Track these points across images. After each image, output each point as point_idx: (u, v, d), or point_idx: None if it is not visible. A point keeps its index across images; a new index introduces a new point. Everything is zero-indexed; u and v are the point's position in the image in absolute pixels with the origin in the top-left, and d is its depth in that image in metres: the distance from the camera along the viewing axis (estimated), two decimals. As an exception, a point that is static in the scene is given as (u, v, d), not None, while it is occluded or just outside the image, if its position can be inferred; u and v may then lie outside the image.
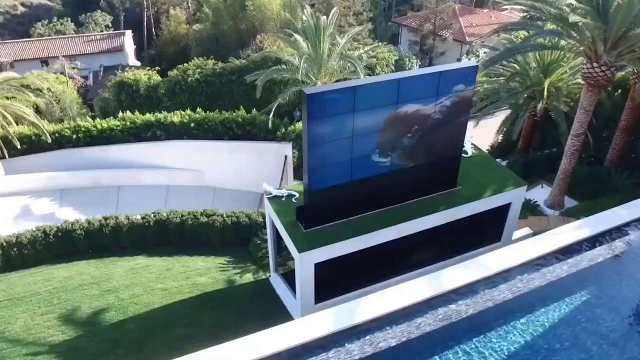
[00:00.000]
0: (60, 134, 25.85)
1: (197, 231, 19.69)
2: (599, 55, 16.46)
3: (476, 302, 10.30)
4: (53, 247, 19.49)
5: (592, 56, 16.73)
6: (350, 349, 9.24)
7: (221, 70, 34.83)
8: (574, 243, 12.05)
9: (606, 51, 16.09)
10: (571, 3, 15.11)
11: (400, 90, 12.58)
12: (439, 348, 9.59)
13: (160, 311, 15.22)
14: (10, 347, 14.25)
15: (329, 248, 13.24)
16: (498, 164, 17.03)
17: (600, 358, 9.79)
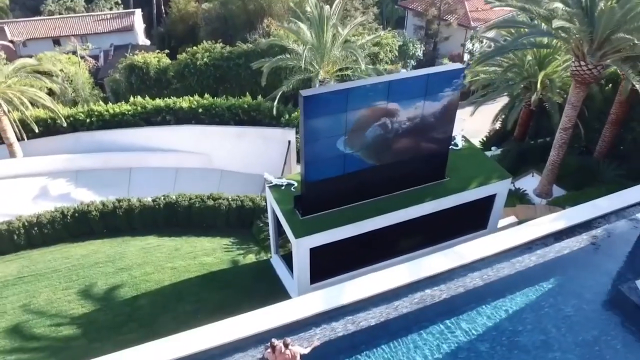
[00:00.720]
0: (74, 117, 27.08)
1: (204, 214, 20.99)
2: (585, 55, 17.28)
3: (449, 288, 11.53)
4: (70, 227, 20.89)
5: (580, 55, 17.55)
6: (335, 326, 10.56)
7: (229, 54, 35.63)
8: (547, 235, 13.18)
9: (592, 51, 16.89)
10: (557, 7, 15.85)
11: (390, 91, 13.63)
12: (415, 328, 10.88)
13: (170, 288, 16.63)
14: (36, 319, 15.75)
15: (323, 234, 14.48)
16: (486, 157, 18.04)
17: (557, 338, 11.02)
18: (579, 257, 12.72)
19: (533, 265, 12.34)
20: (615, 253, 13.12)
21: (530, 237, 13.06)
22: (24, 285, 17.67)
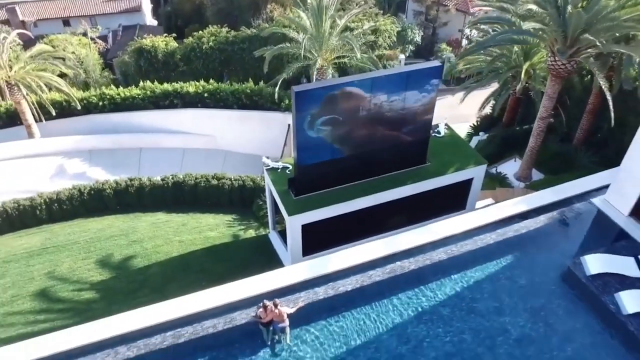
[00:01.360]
0: (88, 100, 28.87)
1: (208, 192, 22.89)
2: (557, 52, 18.76)
3: (417, 260, 13.39)
4: (87, 204, 22.88)
5: (555, 51, 19.03)
6: (317, 291, 12.48)
7: (234, 38, 37.07)
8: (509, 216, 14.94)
9: (564, 49, 18.37)
10: (530, 9, 17.31)
11: (374, 86, 15.28)
12: (386, 294, 12.78)
13: (178, 259, 18.61)
14: (60, 285, 17.81)
15: (313, 213, 16.35)
16: (465, 143, 19.68)
17: (509, 306, 12.88)
18: (535, 236, 14.48)
19: (493, 242, 14.14)
20: (568, 233, 14.85)
21: (493, 218, 14.82)
22: (47, 255, 19.70)
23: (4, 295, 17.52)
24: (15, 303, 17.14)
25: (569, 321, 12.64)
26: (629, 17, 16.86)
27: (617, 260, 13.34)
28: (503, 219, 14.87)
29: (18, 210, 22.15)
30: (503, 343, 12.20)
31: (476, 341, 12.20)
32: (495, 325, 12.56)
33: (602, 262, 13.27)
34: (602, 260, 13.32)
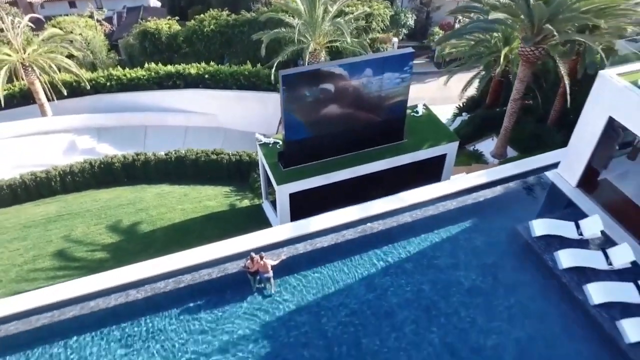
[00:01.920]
0: (96, 81, 30.83)
1: (208, 166, 24.97)
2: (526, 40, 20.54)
3: (386, 222, 15.47)
4: (97, 176, 25.01)
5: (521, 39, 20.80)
6: (298, 247, 14.62)
7: (234, 21, 38.79)
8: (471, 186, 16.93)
9: (531, 37, 20.15)
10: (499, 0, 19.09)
11: (353, 70, 17.19)
12: (354, 251, 14.91)
13: (179, 225, 20.77)
14: (75, 246, 20.03)
15: (300, 182, 18.42)
16: (440, 122, 21.55)
17: (464, 262, 14.96)
18: (492, 204, 16.47)
19: (454, 208, 16.17)
20: (522, 201, 16.79)
21: (457, 188, 16.83)
22: (63, 221, 21.90)
23: (27, 255, 19.75)
24: (37, 261, 19.37)
25: (514, 275, 14.72)
26: (587, 9, 18.57)
27: (559, 225, 15.36)
28: (465, 189, 16.88)
29: (35, 181, 24.31)
30: (456, 292, 14.29)
31: (433, 290, 14.31)
32: (451, 278, 14.64)
33: (545, 226, 15.29)
34: (546, 224, 15.34)
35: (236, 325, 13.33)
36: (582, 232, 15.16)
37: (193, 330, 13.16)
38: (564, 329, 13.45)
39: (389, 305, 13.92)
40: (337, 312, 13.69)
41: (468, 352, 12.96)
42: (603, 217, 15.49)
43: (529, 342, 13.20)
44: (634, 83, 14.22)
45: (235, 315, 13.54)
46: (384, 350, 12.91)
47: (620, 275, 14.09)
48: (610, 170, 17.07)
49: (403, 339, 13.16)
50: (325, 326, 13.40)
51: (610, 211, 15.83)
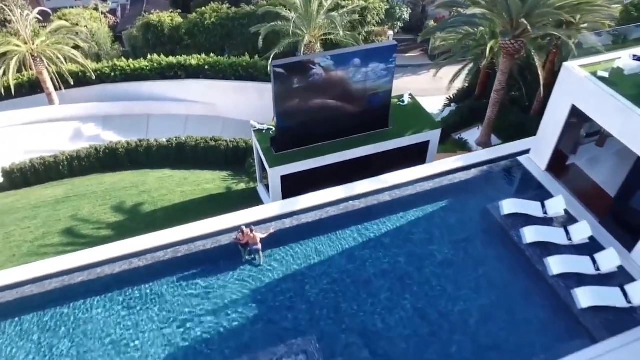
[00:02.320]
0: (101, 71, 32.22)
1: (207, 152, 26.38)
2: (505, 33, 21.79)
3: (366, 200, 16.88)
4: (102, 161, 26.45)
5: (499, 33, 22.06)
6: (285, 222, 16.05)
7: (234, 14, 40.06)
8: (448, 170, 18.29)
9: (510, 31, 21.41)
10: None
11: (339, 61, 18.51)
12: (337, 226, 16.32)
13: (179, 206, 22.20)
14: (82, 224, 21.50)
15: (290, 165, 19.81)
16: (424, 111, 22.84)
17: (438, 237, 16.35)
18: (466, 186, 17.86)
19: (430, 189, 17.56)
20: (495, 184, 18.15)
21: (435, 171, 18.21)
22: (70, 202, 23.37)
23: (37, 232, 21.25)
24: (47, 238, 20.86)
25: (483, 250, 16.11)
26: (561, 5, 19.82)
27: (526, 204, 16.71)
28: (443, 172, 18.25)
29: (44, 165, 25.78)
30: (429, 264, 15.68)
31: (408, 262, 15.71)
32: (425, 252, 16.03)
33: (513, 205, 16.66)
34: (513, 204, 16.70)
35: (228, 290, 14.78)
36: (547, 211, 16.53)
37: (189, 295, 14.63)
38: (524, 297, 14.85)
39: (367, 275, 15.34)
40: (320, 280, 15.12)
41: (436, 316, 14.37)
42: (568, 198, 16.86)
43: (492, 308, 14.60)
44: (593, 74, 15.52)
45: (227, 282, 14.99)
46: (361, 314, 14.34)
47: (579, 249, 15.47)
48: (580, 156, 18.42)
49: (378, 305, 14.57)
50: (308, 292, 14.83)
51: (575, 192, 17.18)
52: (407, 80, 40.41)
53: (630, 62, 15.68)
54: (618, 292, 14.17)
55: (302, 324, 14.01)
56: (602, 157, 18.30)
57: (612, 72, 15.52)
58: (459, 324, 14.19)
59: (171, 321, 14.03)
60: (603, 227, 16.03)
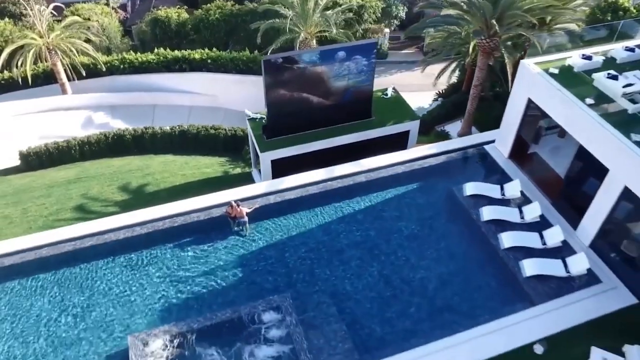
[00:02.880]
0: (111, 63, 34.42)
1: (207, 139, 28.51)
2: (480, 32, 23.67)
3: (343, 181, 18.93)
4: (111, 146, 28.66)
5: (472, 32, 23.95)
6: (269, 198, 18.14)
7: (237, 11, 42.01)
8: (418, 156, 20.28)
9: (481, 31, 23.27)
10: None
11: (323, 56, 20.53)
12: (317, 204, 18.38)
13: (180, 186, 24.33)
14: (91, 202, 23.70)
15: (280, 151, 21.86)
16: (406, 104, 24.76)
17: (406, 215, 18.36)
18: (435, 170, 19.85)
19: (402, 172, 19.56)
20: (461, 169, 20.10)
21: (406, 157, 20.20)
22: (81, 182, 25.59)
23: (51, 208, 23.48)
24: (60, 214, 23.07)
25: (445, 226, 18.14)
26: (528, 8, 21.67)
27: (486, 187, 18.69)
28: (415, 158, 20.25)
29: (57, 150, 28.04)
30: (397, 238, 17.71)
31: (378, 235, 17.74)
32: (394, 227, 18.06)
33: (475, 187, 18.63)
34: (475, 186, 18.67)
35: (217, 256, 16.93)
36: (504, 193, 18.50)
37: (183, 259, 16.79)
38: (478, 267, 16.85)
39: (340, 245, 17.42)
40: (298, 249, 17.22)
41: (399, 282, 16.41)
42: (526, 183, 18.83)
43: (449, 276, 16.60)
44: (546, 70, 17.43)
45: (217, 248, 17.14)
46: (332, 278, 16.41)
47: (529, 226, 17.43)
48: (541, 146, 20.33)
49: (348, 271, 16.65)
50: (287, 259, 16.94)
51: (533, 177, 19.13)
52: (402, 76, 42.24)
53: (579, 61, 17.58)
54: (559, 264, 16.12)
55: (280, 285, 16.11)
56: (561, 146, 20.14)
57: (562, 69, 17.43)
58: (418, 289, 16.22)
59: (167, 280, 16.20)
60: (555, 209, 17.98)
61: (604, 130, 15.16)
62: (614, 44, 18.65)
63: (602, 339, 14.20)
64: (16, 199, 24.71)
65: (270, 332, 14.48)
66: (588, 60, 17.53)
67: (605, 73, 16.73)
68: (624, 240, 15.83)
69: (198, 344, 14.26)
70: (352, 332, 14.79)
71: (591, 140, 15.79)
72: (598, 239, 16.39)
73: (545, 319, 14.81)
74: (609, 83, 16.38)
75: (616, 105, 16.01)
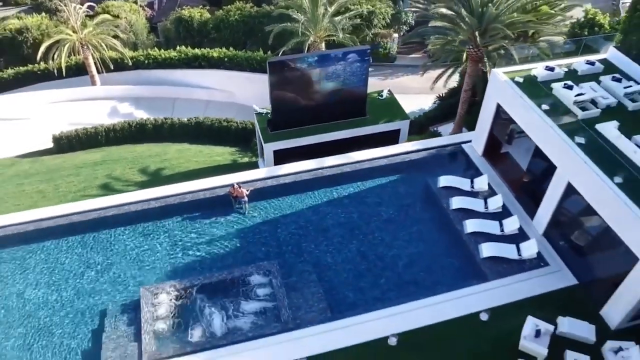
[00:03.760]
0: (137, 59, 37.65)
1: (220, 131, 31.50)
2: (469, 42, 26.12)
3: (332, 169, 21.60)
4: (133, 134, 31.81)
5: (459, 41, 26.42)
6: (266, 182, 20.93)
7: (255, 13, 44.94)
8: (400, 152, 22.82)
9: (473, 41, 25.70)
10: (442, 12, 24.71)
11: (321, 60, 23.22)
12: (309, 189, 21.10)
13: (193, 171, 27.29)
14: (115, 182, 26.82)
15: (282, 142, 24.62)
16: (398, 105, 27.26)
17: (386, 201, 20.95)
18: (415, 164, 22.35)
19: (385, 165, 22.13)
20: (439, 164, 22.46)
21: (391, 151, 22.76)
22: (106, 165, 28.75)
23: (79, 185, 26.67)
24: (86, 190, 26.23)
25: (419, 213, 20.64)
26: (510, 22, 24.04)
27: (458, 180, 21.13)
28: (399, 153, 22.80)
29: (86, 135, 31.29)
30: (375, 220, 20.28)
31: (359, 218, 20.35)
32: (374, 211, 20.64)
33: (448, 180, 21.09)
34: (448, 179, 21.13)
35: (220, 228, 19.77)
36: (474, 186, 20.93)
37: (190, 229, 19.68)
38: (444, 249, 19.32)
39: (325, 225, 20.08)
40: (288, 226, 19.95)
41: (374, 258, 18.98)
42: (495, 178, 21.23)
43: (418, 255, 19.12)
44: (512, 79, 19.81)
45: (220, 222, 19.98)
46: (316, 251, 19.09)
47: (492, 215, 19.84)
48: (514, 146, 22.65)
49: (331, 246, 19.30)
50: (279, 234, 19.67)
51: (501, 173, 21.49)
52: (408, 79, 44.62)
53: (542, 71, 19.91)
54: (513, 248, 18.51)
55: (271, 255, 18.86)
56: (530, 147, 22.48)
57: (527, 78, 19.78)
58: (390, 264, 18.78)
59: (175, 247, 19.10)
60: (517, 201, 20.38)
61: (553, 133, 17.53)
62: (579, 57, 20.95)
63: (541, 312, 16.54)
64: (49, 177, 27.96)
65: (258, 291, 17.23)
66: (550, 72, 19.85)
67: (562, 83, 19.05)
68: (570, 229, 18.16)
69: (198, 297, 17.09)
70: (328, 296, 17.44)
71: (544, 141, 18.18)
72: (549, 228, 18.73)
73: (494, 293, 17.22)
74: (564, 92, 18.70)
75: (568, 111, 18.32)
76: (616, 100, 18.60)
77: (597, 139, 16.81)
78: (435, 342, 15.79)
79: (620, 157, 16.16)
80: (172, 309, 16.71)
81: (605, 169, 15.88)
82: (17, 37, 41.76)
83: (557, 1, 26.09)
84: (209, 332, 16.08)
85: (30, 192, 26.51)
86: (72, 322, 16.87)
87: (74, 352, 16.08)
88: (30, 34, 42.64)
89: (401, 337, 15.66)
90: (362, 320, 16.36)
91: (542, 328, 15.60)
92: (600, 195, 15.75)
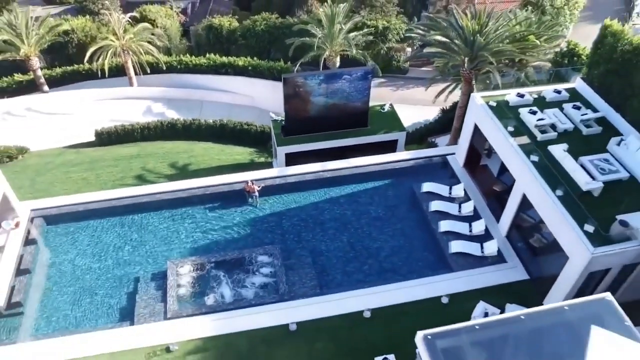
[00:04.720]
0: (170, 63, 41.94)
1: (241, 133, 35.45)
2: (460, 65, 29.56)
3: (333, 173, 25.35)
4: (165, 132, 36.00)
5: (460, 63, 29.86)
6: (275, 180, 24.82)
7: (280, 24, 48.86)
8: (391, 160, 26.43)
9: (465, 64, 29.13)
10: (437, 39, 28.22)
11: (329, 78, 26.99)
12: (312, 187, 24.90)
13: (216, 168, 31.30)
14: (147, 174, 31.00)
15: (292, 146, 28.42)
16: (397, 117, 30.83)
17: (376, 202, 24.63)
18: (404, 172, 25.94)
19: (376, 170, 25.77)
20: (425, 172, 25.96)
21: (383, 159, 26.39)
22: (140, 159, 32.98)
23: (117, 175, 30.92)
24: (123, 180, 30.46)
25: (403, 213, 24.24)
26: (498, 50, 27.40)
27: (438, 186, 24.64)
28: (390, 161, 26.42)
29: (124, 131, 35.62)
30: (365, 217, 23.97)
31: (351, 215, 24.05)
32: (365, 210, 24.33)
33: (429, 186, 24.64)
34: (430, 185, 24.67)
35: (235, 217, 23.73)
36: (451, 192, 24.44)
37: (210, 216, 23.69)
38: (420, 244, 22.88)
39: (323, 219, 23.86)
40: (292, 218, 23.80)
41: (360, 248, 22.68)
42: (472, 186, 24.69)
43: (398, 248, 22.74)
44: (487, 102, 23.25)
45: (234, 212, 23.95)
46: (313, 240, 22.88)
47: (464, 218, 23.33)
48: (492, 160, 26.04)
49: (325, 236, 23.08)
50: (283, 224, 23.53)
51: (478, 182, 24.93)
52: (417, 91, 47.91)
53: (513, 97, 23.30)
54: (477, 246, 21.98)
55: (275, 240, 22.73)
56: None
57: (499, 103, 23.19)
58: (373, 254, 22.44)
59: (196, 229, 23.15)
60: (487, 207, 23.82)
61: (514, 151, 20.96)
62: (549, 86, 24.27)
63: (494, 299, 20.00)
64: (91, 167, 32.31)
65: (262, 269, 21.13)
66: (521, 98, 23.23)
67: (528, 109, 22.43)
68: (525, 232, 21.56)
69: (214, 271, 21.07)
70: (319, 276, 21.23)
71: (507, 157, 21.62)
72: (510, 231, 22.17)
73: (457, 281, 20.75)
74: (528, 117, 22.08)
75: (530, 133, 21.68)
76: (573, 126, 21.89)
77: (546, 159, 20.14)
78: (402, 316, 19.40)
79: (562, 174, 19.48)
80: (192, 279, 20.73)
81: (549, 183, 19.25)
82: (64, 38, 46.66)
83: (542, 32, 29.29)
84: (220, 298, 20.04)
85: (76, 179, 30.84)
86: (111, 286, 21.01)
87: (113, 309, 20.20)
88: (75, 35, 47.49)
89: (375, 311, 19.39)
90: (345, 296, 20.10)
91: (489, 311, 19.10)
92: (545, 204, 19.16)
